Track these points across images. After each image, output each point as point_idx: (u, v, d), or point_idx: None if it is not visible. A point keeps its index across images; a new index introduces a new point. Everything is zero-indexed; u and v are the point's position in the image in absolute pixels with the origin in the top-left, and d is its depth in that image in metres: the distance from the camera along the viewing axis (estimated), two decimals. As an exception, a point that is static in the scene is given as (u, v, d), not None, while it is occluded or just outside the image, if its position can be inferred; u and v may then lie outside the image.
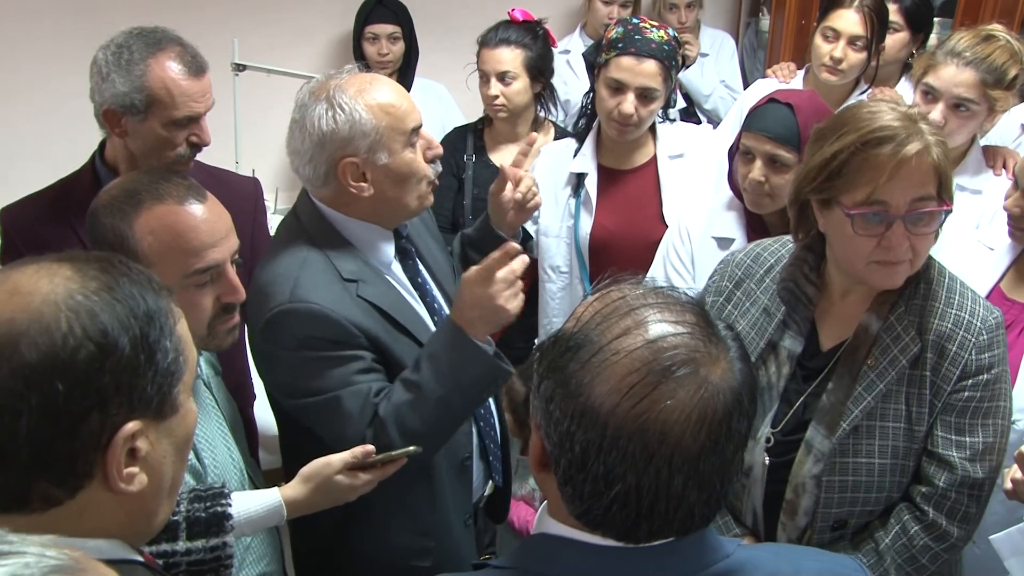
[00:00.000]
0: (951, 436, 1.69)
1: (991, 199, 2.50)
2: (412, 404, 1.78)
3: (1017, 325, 2.07)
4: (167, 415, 1.03)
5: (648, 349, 0.99)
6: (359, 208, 1.88)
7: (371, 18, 3.79)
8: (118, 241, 1.62)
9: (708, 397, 0.99)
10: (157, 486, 1.04)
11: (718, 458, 1.00)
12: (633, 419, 0.97)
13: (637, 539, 1.03)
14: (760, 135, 2.20)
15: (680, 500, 1.00)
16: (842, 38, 3.09)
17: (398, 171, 1.85)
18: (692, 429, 0.98)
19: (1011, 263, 2.15)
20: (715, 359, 1.01)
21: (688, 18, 4.17)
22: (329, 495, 1.71)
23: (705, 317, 1.05)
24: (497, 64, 3.04)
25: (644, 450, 0.97)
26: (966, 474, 1.67)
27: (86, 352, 0.95)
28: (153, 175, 1.71)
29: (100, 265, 1.03)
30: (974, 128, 2.52)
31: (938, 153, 1.60)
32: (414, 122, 1.86)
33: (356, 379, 1.81)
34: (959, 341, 1.68)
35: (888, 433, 1.71)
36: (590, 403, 0.99)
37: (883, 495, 1.73)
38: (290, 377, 1.84)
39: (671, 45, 2.59)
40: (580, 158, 2.77)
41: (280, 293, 1.79)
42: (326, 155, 1.81)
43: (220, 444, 1.77)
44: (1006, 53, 2.43)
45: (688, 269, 2.46)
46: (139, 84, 2.04)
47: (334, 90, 1.81)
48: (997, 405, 1.69)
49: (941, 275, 1.74)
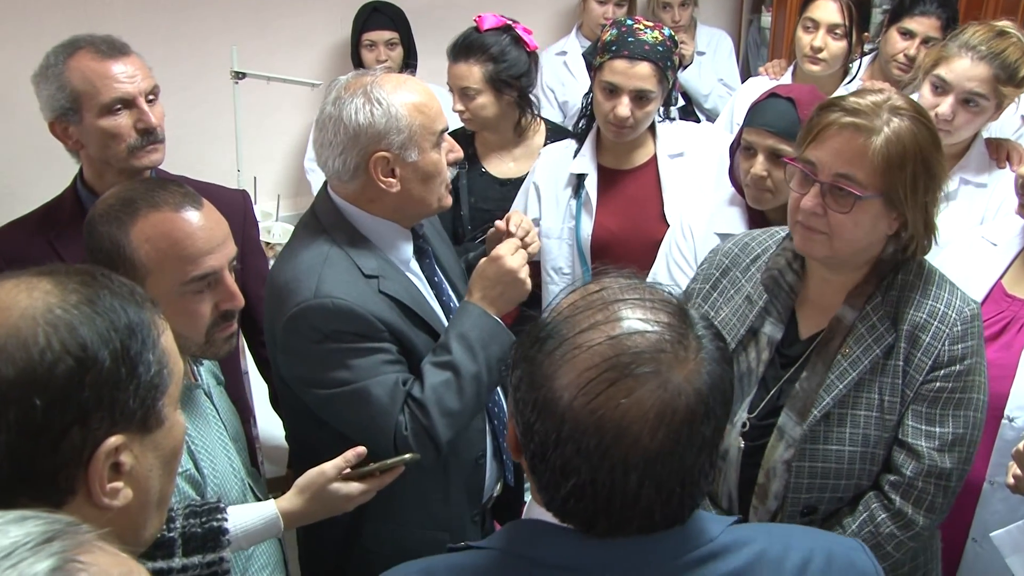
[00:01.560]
0: (921, 426, 1.69)
1: (995, 193, 2.48)
2: (448, 384, 1.84)
3: (1017, 322, 2.05)
4: (152, 428, 1.02)
5: (610, 345, 0.98)
6: (383, 205, 1.91)
7: (368, 25, 3.78)
8: (115, 249, 1.61)
9: (668, 398, 0.97)
10: (143, 500, 1.03)
11: (677, 460, 0.99)
12: (589, 414, 0.97)
13: (599, 533, 1.03)
14: (762, 130, 2.22)
15: (636, 498, 1.00)
16: (821, 27, 3.19)
17: (425, 169, 1.89)
18: (650, 428, 0.97)
19: (1014, 259, 2.13)
20: (682, 360, 0.99)
21: (682, 17, 4.16)
22: (325, 505, 1.70)
23: (683, 316, 1.04)
24: (457, 80, 2.94)
25: (599, 446, 0.97)
26: (933, 464, 1.68)
27: (65, 367, 0.95)
28: (149, 183, 1.70)
29: (81, 278, 1.02)
30: (980, 124, 2.50)
31: (886, 145, 1.61)
32: (443, 124, 1.92)
33: (383, 369, 1.84)
34: (933, 331, 1.69)
35: (859, 421, 1.72)
36: (550, 395, 0.99)
37: (852, 482, 1.74)
38: (316, 370, 1.85)
39: (666, 46, 2.58)
40: (580, 159, 2.76)
41: (305, 289, 1.82)
42: (359, 148, 1.84)
43: (220, 454, 1.76)
44: (1018, 50, 2.42)
45: (691, 266, 2.46)
46: (61, 83, 2.06)
47: (371, 86, 1.85)
48: (969, 397, 1.70)
49: (920, 267, 1.76)
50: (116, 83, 2.07)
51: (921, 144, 1.63)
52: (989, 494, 2.03)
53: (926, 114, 1.69)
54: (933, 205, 1.69)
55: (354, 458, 1.71)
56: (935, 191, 1.68)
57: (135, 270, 1.61)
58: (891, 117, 1.63)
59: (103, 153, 2.11)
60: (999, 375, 1.99)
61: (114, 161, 2.12)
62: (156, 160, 2.15)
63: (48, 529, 0.71)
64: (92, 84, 2.06)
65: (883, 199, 1.64)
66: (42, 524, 0.71)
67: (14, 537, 0.69)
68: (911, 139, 1.63)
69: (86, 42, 2.09)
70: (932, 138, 1.66)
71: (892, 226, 1.68)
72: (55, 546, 0.70)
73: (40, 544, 0.69)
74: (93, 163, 2.17)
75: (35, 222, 2.24)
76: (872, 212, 1.65)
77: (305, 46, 4.16)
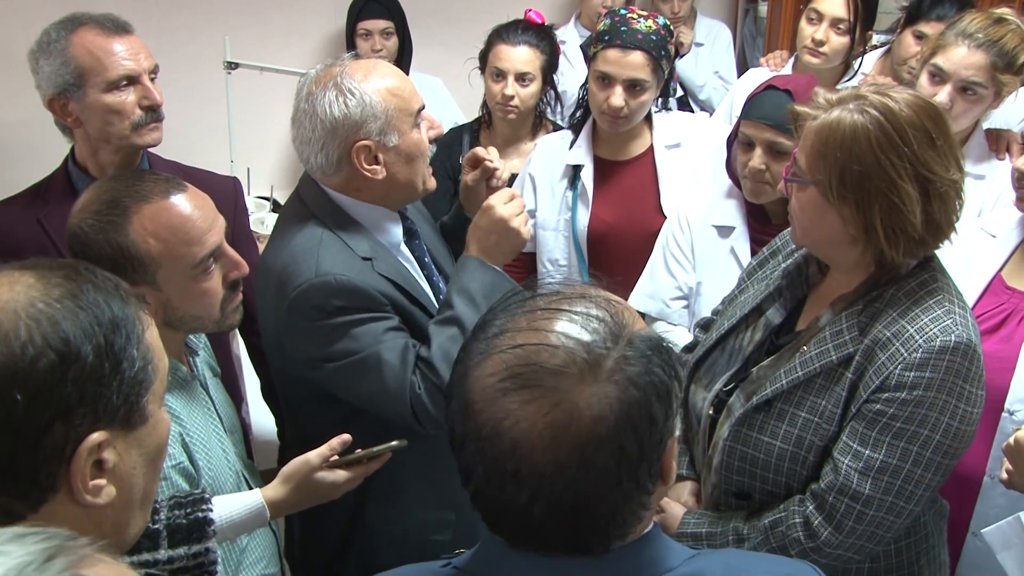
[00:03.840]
0: (851, 443, 1.61)
1: (995, 184, 2.47)
2: (454, 338, 1.83)
3: (1017, 314, 2.04)
4: (136, 425, 1.01)
5: (516, 354, 0.97)
6: (370, 192, 1.91)
7: (363, 14, 3.76)
8: (117, 253, 1.60)
9: (562, 418, 0.94)
10: (127, 498, 1.02)
11: (571, 486, 0.95)
12: (487, 418, 0.96)
13: (513, 545, 1.02)
14: (759, 123, 2.20)
15: (526, 516, 0.97)
16: (825, 20, 3.14)
17: (408, 151, 1.89)
18: (545, 447, 0.94)
19: (1013, 251, 2.11)
20: (587, 383, 0.95)
21: (681, 8, 4.15)
22: (311, 494, 1.70)
23: (613, 338, 0.99)
24: (519, 64, 3.02)
25: (494, 452, 0.96)
26: (847, 483, 1.59)
27: (47, 361, 0.93)
28: (124, 179, 1.69)
29: (64, 272, 1.01)
30: (979, 113, 2.49)
31: (817, 131, 1.58)
32: (419, 103, 1.91)
33: (390, 336, 1.85)
34: (891, 352, 1.59)
35: (797, 421, 1.67)
36: (462, 387, 1.00)
37: (781, 479, 1.70)
38: (324, 345, 1.85)
39: (659, 35, 2.57)
40: (576, 150, 2.75)
41: (306, 270, 1.82)
42: (339, 141, 1.83)
43: (215, 446, 1.75)
44: (1017, 37, 2.40)
45: (688, 258, 2.47)
46: (65, 59, 2.05)
47: (341, 77, 1.83)
48: (914, 431, 1.57)
49: (921, 287, 1.64)
50: (122, 59, 2.07)
51: (860, 139, 1.54)
52: (989, 488, 2.02)
53: (898, 117, 1.55)
54: (893, 214, 1.56)
55: (339, 446, 1.70)
56: (886, 198, 1.55)
57: (145, 267, 1.62)
58: (848, 108, 1.57)
59: (104, 130, 2.11)
60: (999, 367, 1.98)
61: (115, 139, 2.11)
62: (156, 139, 2.16)
63: (49, 546, 0.70)
64: (98, 60, 2.05)
65: (817, 188, 1.60)
66: (42, 541, 0.71)
67: (18, 558, 0.68)
68: (848, 131, 1.55)
69: (88, 18, 2.09)
70: (887, 141, 1.54)
71: (851, 226, 1.60)
72: (59, 563, 0.69)
73: (44, 563, 0.69)
74: (88, 141, 2.15)
75: (24, 200, 2.24)
76: (812, 200, 1.62)
77: (298, 36, 4.14)
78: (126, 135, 2.10)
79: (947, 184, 1.58)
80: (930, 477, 1.59)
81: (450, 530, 2.06)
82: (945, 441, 1.58)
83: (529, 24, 3.11)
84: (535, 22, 3.13)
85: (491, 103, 3.10)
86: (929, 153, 1.56)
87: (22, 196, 2.25)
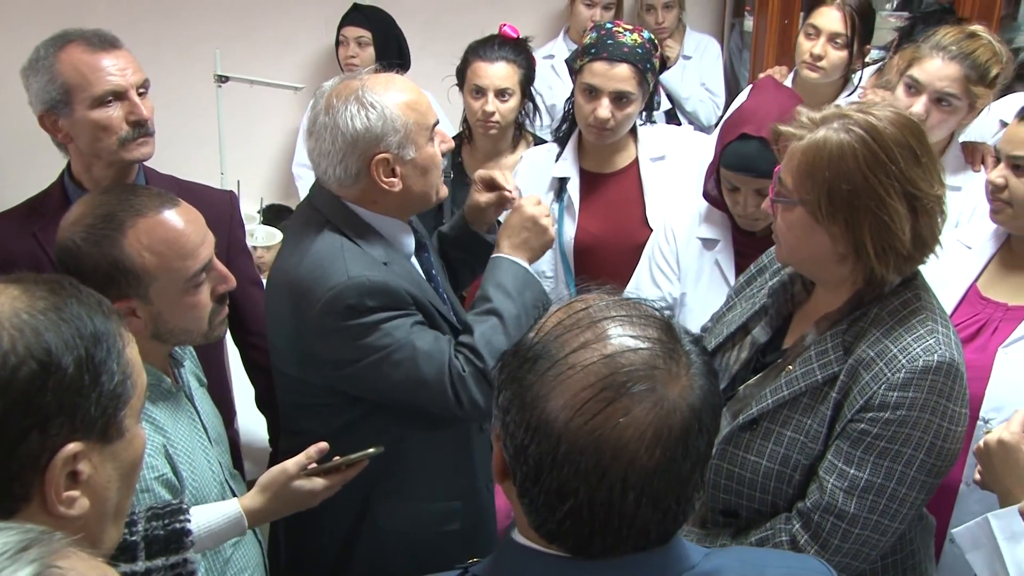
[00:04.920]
0: (837, 462, 1.61)
1: (970, 196, 2.49)
2: (496, 327, 1.93)
3: (991, 324, 2.06)
4: (112, 439, 1.03)
5: (604, 364, 0.98)
6: (385, 204, 1.95)
7: (345, 21, 3.84)
8: (112, 267, 1.61)
9: (664, 415, 0.97)
10: (100, 511, 1.03)
11: (673, 476, 0.99)
12: (587, 435, 0.96)
13: (591, 554, 1.02)
14: (743, 176, 2.22)
15: (634, 517, 0.99)
16: (823, 35, 3.17)
17: (424, 164, 1.93)
18: (647, 446, 0.97)
19: (988, 262, 2.14)
20: (674, 376, 1.00)
21: (665, 19, 4.18)
22: (289, 502, 1.71)
23: (670, 332, 1.04)
24: (498, 80, 3.04)
25: (597, 466, 0.96)
26: (833, 501, 1.60)
27: (27, 370, 0.95)
28: (117, 193, 1.70)
29: (49, 286, 1.03)
30: (954, 124, 2.52)
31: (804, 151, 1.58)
32: (434, 118, 1.96)
33: (418, 328, 1.91)
34: (875, 372, 1.59)
35: (783, 440, 1.68)
36: (544, 417, 0.98)
37: (767, 497, 1.71)
38: (359, 341, 1.88)
39: (645, 48, 2.60)
40: (562, 162, 2.78)
41: (337, 272, 1.86)
42: (359, 153, 1.87)
43: (200, 456, 1.76)
44: (989, 51, 2.44)
45: (673, 270, 2.47)
46: (52, 75, 2.06)
47: (362, 90, 1.86)
48: (899, 450, 1.58)
49: (904, 306, 1.65)
50: (108, 75, 2.08)
51: (847, 158, 1.55)
52: (966, 495, 2.04)
53: (883, 135, 1.56)
54: (883, 232, 1.58)
55: (316, 454, 1.72)
56: (875, 216, 1.57)
57: (139, 280, 1.63)
58: (833, 127, 1.58)
59: (93, 146, 2.11)
60: (975, 376, 1.99)
61: (104, 154, 2.12)
62: (146, 153, 2.16)
63: (24, 538, 0.72)
64: (84, 76, 2.06)
65: (805, 207, 1.61)
66: (17, 533, 0.72)
67: None
68: (836, 150, 1.56)
69: (77, 35, 2.10)
70: (873, 159, 1.55)
71: (840, 244, 1.61)
72: (32, 553, 0.70)
73: (18, 552, 0.70)
74: (82, 156, 2.16)
75: (21, 214, 2.25)
76: (800, 219, 1.62)
77: (289, 50, 4.17)
78: (114, 150, 2.11)
79: (933, 200, 1.60)
80: (914, 496, 1.60)
81: (459, 519, 2.10)
82: (929, 460, 1.58)
83: (505, 39, 3.12)
84: (510, 37, 3.14)
85: (471, 119, 3.12)
86: (915, 170, 1.58)
87: (18, 210, 2.27)
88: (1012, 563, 1.55)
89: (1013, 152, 2.01)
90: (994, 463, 1.68)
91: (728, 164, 2.25)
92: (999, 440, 1.67)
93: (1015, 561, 1.55)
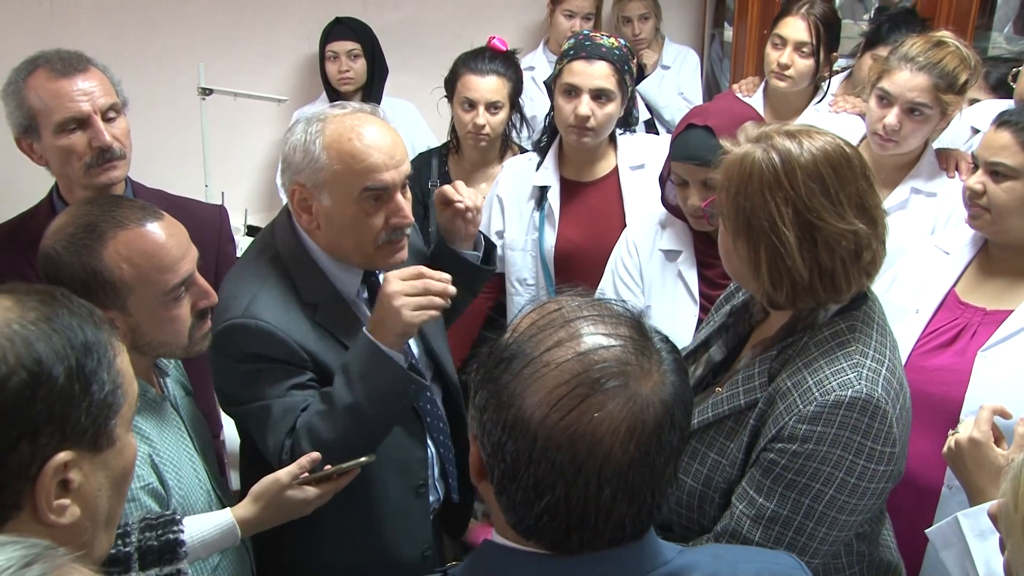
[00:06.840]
0: (748, 489, 1.59)
1: (946, 202, 2.52)
2: (323, 414, 1.80)
3: (970, 329, 2.08)
4: (103, 448, 1.03)
5: (578, 361, 1.00)
6: (322, 239, 1.89)
7: (331, 36, 3.82)
8: (90, 276, 1.61)
9: (638, 410, 1.00)
10: (91, 519, 1.03)
11: (648, 470, 1.01)
12: (562, 431, 0.99)
13: (569, 550, 1.04)
14: (688, 164, 2.21)
15: (610, 511, 1.01)
16: (788, 44, 3.24)
17: (339, 219, 1.84)
18: (621, 441, 0.99)
19: (965, 267, 2.16)
20: (646, 372, 1.02)
21: (642, 30, 4.22)
22: (281, 511, 1.71)
23: (641, 330, 1.06)
24: (489, 94, 3.05)
25: (573, 461, 0.99)
26: (739, 528, 1.57)
27: (18, 380, 0.96)
28: (100, 204, 1.71)
29: (40, 297, 1.04)
30: (927, 132, 2.55)
31: (722, 168, 1.60)
32: (371, 183, 1.81)
33: (290, 393, 1.83)
34: (788, 403, 1.56)
35: (707, 461, 1.68)
36: (520, 414, 1.00)
37: (693, 516, 1.70)
38: (231, 385, 1.88)
39: (622, 51, 2.65)
40: (542, 171, 2.80)
41: (237, 306, 1.83)
42: (288, 176, 1.86)
43: (186, 465, 1.77)
44: (956, 59, 2.47)
45: (637, 282, 2.46)
46: (19, 101, 2.07)
47: (321, 119, 1.84)
48: (806, 484, 1.53)
49: (834, 337, 1.61)
50: (68, 102, 2.05)
51: (753, 177, 1.55)
52: (947, 498, 2.05)
53: (793, 161, 1.54)
54: (775, 256, 1.56)
55: (308, 464, 1.72)
56: (768, 238, 1.55)
57: (116, 291, 1.63)
58: (760, 146, 1.57)
59: (63, 170, 2.12)
60: (953, 380, 2.03)
61: (74, 178, 2.11)
62: (115, 177, 2.13)
63: (28, 553, 0.73)
64: (45, 103, 2.05)
65: (722, 219, 1.63)
66: (21, 548, 0.73)
67: None
68: (747, 168, 1.56)
69: (44, 60, 2.09)
70: (774, 182, 1.54)
71: (746, 262, 1.60)
72: (36, 569, 0.72)
73: (22, 568, 0.71)
74: (60, 177, 2.17)
75: (8, 231, 2.25)
76: (722, 232, 1.64)
77: (272, 63, 4.17)
78: (80, 176, 2.09)
79: (839, 234, 1.54)
80: (825, 531, 1.56)
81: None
82: (840, 496, 1.53)
83: (495, 52, 3.14)
84: (500, 50, 3.16)
85: (461, 131, 3.13)
86: (820, 200, 1.54)
87: (6, 226, 2.27)
88: (980, 560, 1.58)
89: (991, 159, 2.04)
90: (966, 462, 1.70)
91: (675, 155, 2.25)
92: (970, 439, 1.69)
93: (984, 559, 1.58)
